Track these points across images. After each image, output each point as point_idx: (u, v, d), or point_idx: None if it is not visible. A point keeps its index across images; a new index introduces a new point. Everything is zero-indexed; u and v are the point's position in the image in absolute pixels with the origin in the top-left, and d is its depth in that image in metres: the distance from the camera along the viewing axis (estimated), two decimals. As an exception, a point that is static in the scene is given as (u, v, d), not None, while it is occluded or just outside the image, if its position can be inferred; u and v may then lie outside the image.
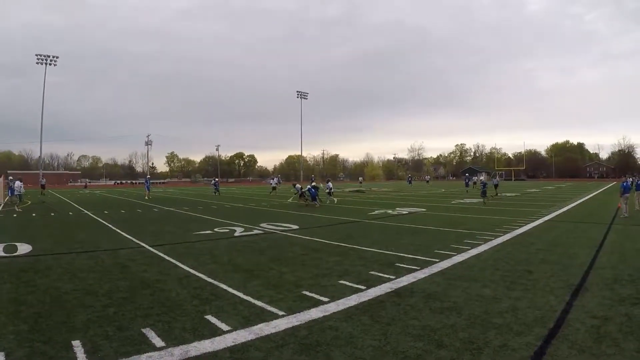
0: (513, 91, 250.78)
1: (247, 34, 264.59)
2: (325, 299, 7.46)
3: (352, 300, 7.37)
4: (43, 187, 46.75)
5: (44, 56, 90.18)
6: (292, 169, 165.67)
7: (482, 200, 29.61)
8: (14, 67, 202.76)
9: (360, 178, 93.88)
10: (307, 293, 7.86)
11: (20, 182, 29.17)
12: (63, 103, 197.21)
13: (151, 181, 37.93)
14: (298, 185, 33.09)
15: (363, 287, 8.17)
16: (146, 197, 37.13)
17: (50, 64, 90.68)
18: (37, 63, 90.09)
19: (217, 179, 55.37)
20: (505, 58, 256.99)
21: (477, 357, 5.11)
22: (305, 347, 5.44)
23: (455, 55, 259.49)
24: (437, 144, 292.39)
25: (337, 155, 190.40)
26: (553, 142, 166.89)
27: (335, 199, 32.53)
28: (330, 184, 34.59)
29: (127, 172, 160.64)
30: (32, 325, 6.31)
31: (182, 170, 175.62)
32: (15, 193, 27.90)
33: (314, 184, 32.06)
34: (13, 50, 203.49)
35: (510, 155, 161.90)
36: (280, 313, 6.77)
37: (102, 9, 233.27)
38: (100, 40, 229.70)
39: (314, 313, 6.77)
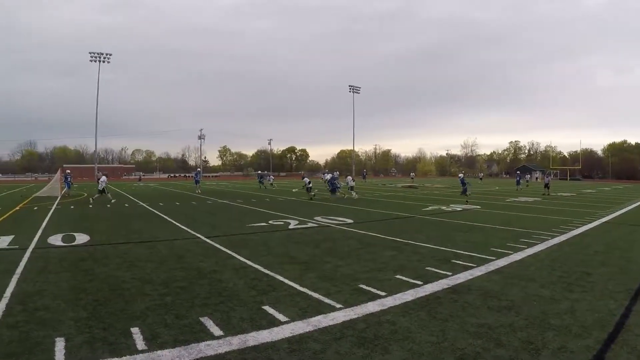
0: (569, 88, 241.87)
1: (299, 29, 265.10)
2: (382, 293, 7.43)
3: (408, 295, 7.32)
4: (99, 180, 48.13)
5: (98, 54, 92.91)
6: (344, 163, 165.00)
7: (465, 199, 28.78)
8: (69, 65, 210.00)
9: (412, 173, 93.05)
10: (364, 287, 7.84)
11: (106, 177, 30.24)
12: (117, 99, 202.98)
13: (203, 174, 37.52)
14: (307, 179, 32.88)
15: (420, 283, 8.10)
16: (197, 192, 37.32)
17: (103, 62, 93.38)
18: (91, 60, 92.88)
19: (261, 172, 55.05)
20: (561, 54, 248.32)
21: (536, 358, 5.00)
22: (363, 341, 5.42)
23: (511, 50, 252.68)
24: (490, 141, 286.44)
25: (389, 151, 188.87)
26: (610, 141, 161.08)
27: (356, 194, 32.12)
28: (350, 178, 34.46)
29: (180, 165, 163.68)
30: (92, 312, 6.50)
31: (235, 164, 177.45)
32: (100, 187, 28.85)
33: (331, 175, 32.14)
34: (67, 49, 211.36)
35: (566, 154, 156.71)
36: (338, 306, 6.78)
37: (154, 9, 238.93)
38: (153, 38, 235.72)
39: (371, 307, 6.75)
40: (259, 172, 55.74)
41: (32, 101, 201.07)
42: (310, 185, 31.26)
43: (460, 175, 31.65)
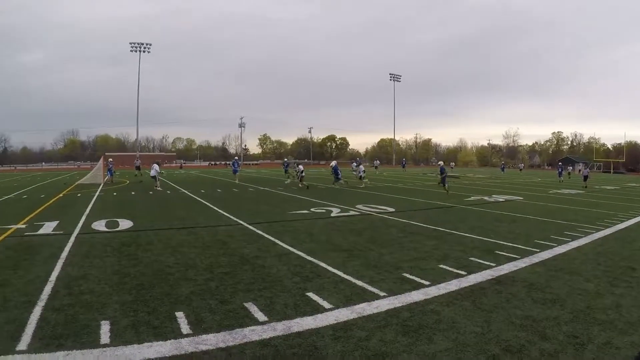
0: (614, 78, 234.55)
1: (339, 16, 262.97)
2: (426, 282, 7.38)
3: (452, 285, 7.25)
4: (138, 168, 48.80)
5: (138, 44, 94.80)
6: (384, 152, 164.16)
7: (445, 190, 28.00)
8: (110, 56, 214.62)
9: (452, 163, 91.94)
10: (408, 275, 7.80)
11: (158, 165, 30.86)
12: (157, 88, 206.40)
13: (243, 162, 36.55)
14: (300, 167, 32.42)
15: (463, 273, 8.02)
16: (236, 181, 37.19)
17: (144, 51, 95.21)
18: (131, 51, 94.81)
19: (287, 160, 53.13)
20: (605, 42, 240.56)
21: (581, 353, 4.86)
22: (407, 329, 5.38)
23: (554, 39, 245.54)
24: (533, 131, 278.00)
25: (429, 140, 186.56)
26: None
27: (364, 184, 31.84)
28: (362, 167, 34.36)
29: (220, 153, 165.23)
30: (136, 296, 6.61)
31: (274, 152, 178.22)
32: (152, 174, 29.54)
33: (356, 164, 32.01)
34: (109, 40, 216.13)
35: (610, 147, 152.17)
36: (381, 294, 6.76)
37: None
38: (194, 27, 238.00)
39: (415, 295, 6.70)
40: (285, 159, 53.36)
41: (74, 91, 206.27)
42: (304, 174, 30.85)
43: (440, 163, 31.09)
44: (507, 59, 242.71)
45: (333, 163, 33.18)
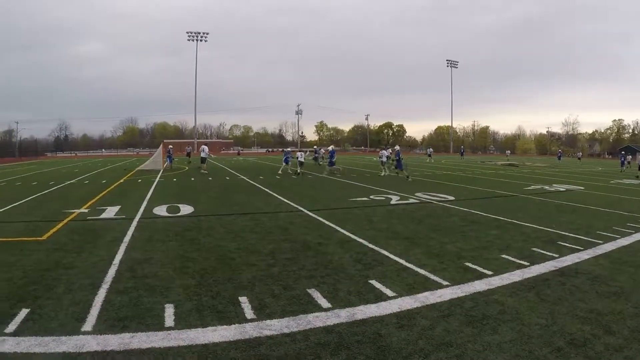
0: None
1: (393, 2, 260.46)
2: (489, 272, 7.27)
3: (516, 276, 7.12)
4: (189, 154, 49.63)
5: (195, 33, 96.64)
6: (442, 139, 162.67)
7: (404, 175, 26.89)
8: (168, 45, 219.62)
9: (507, 151, 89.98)
10: (470, 265, 7.69)
11: (207, 146, 32.04)
12: (215, 76, 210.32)
13: (300, 149, 35.80)
14: (299, 153, 31.83)
15: (526, 264, 7.84)
16: (279, 172, 36.56)
17: (201, 40, 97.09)
18: (189, 40, 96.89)
19: (316, 147, 49.61)
20: None
21: None
22: (471, 319, 5.30)
23: (615, 22, 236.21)
24: (593, 119, 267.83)
25: (487, 127, 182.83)
26: None
27: (384, 173, 30.82)
28: (385, 152, 32.67)
29: (277, 140, 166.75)
30: (199, 280, 6.71)
31: (331, 139, 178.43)
32: (203, 156, 30.66)
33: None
34: (167, 29, 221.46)
35: None
36: (444, 283, 6.69)
37: None
38: (248, 15, 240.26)
39: (478, 285, 6.61)
40: (315, 147, 50.32)
41: (133, 80, 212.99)
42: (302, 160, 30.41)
43: (397, 147, 30.23)
44: (567, 43, 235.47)
45: (383, 154, 32.39)
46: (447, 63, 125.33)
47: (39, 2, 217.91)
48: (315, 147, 42.60)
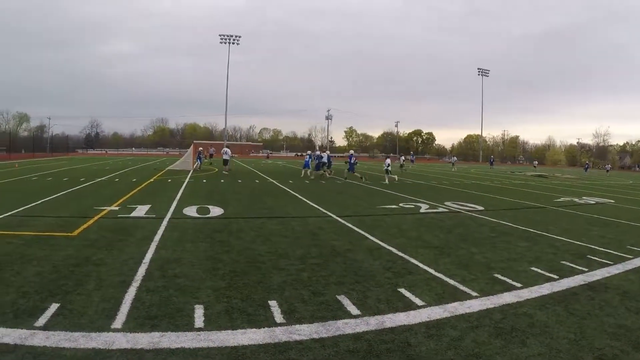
0: None
1: (425, 9, 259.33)
2: (518, 284, 7.20)
3: (545, 289, 7.03)
4: (211, 155, 50.05)
5: (227, 36, 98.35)
6: (471, 148, 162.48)
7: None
8: (200, 48, 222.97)
9: (535, 162, 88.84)
10: (499, 276, 7.63)
11: (229, 149, 32.55)
12: (246, 79, 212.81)
13: (330, 155, 35.13)
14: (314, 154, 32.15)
15: (555, 277, 7.75)
16: (304, 174, 36.29)
17: (233, 43, 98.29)
18: (221, 43, 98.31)
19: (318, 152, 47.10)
20: None
21: None
22: (500, 331, 5.25)
23: None
24: (625, 130, 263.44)
25: (517, 137, 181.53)
26: None
27: (391, 179, 30.63)
28: (388, 160, 32.63)
29: (306, 144, 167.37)
30: (229, 282, 6.74)
31: (360, 145, 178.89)
32: (225, 157, 31.07)
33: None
34: (199, 32, 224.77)
35: None
36: (473, 294, 6.64)
37: None
38: (280, 19, 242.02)
39: (507, 297, 6.55)
40: (317, 151, 43.85)
41: (164, 81, 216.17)
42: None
43: (351, 151, 30.40)
44: (598, 52, 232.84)
45: (388, 161, 32.19)
46: (479, 71, 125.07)
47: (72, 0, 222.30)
48: (317, 151, 40.52)
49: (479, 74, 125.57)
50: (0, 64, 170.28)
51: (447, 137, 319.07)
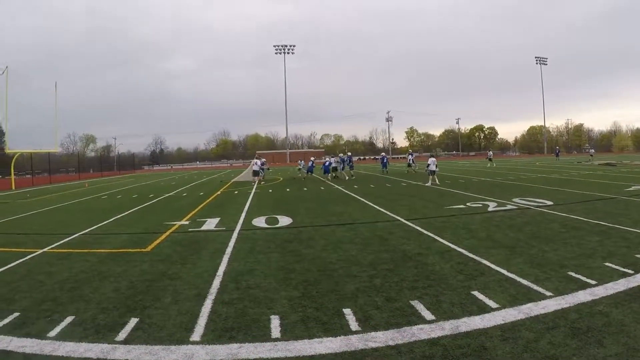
0: None
1: (478, 2, 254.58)
2: (592, 282, 7.00)
3: (620, 285, 6.81)
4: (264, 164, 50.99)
5: (282, 46, 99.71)
6: (534, 140, 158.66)
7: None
8: (258, 58, 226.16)
9: (591, 150, 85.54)
10: (573, 274, 7.42)
11: (259, 160, 33.06)
12: (304, 86, 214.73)
13: (392, 156, 34.40)
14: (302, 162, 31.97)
15: (630, 272, 7.47)
16: (347, 178, 35.30)
17: (288, 53, 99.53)
18: (276, 53, 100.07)
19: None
20: None
21: None
22: (576, 332, 5.14)
23: None
24: None
25: (581, 125, 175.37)
26: None
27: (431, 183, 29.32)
28: (411, 156, 31.84)
29: (368, 148, 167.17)
30: (303, 292, 6.86)
31: (422, 144, 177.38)
32: (255, 169, 32.17)
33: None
34: (256, 43, 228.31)
35: None
36: (547, 293, 6.50)
37: None
38: (334, 24, 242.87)
39: (582, 296, 6.38)
40: (341, 154, 41.85)
41: (224, 93, 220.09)
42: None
43: (342, 154, 29.89)
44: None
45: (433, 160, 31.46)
46: (537, 60, 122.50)
47: (133, 20, 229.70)
48: (341, 154, 39.84)
49: (537, 63, 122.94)
50: (67, 88, 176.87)
51: (510, 130, 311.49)
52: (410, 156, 42.75)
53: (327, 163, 36.87)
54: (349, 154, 38.98)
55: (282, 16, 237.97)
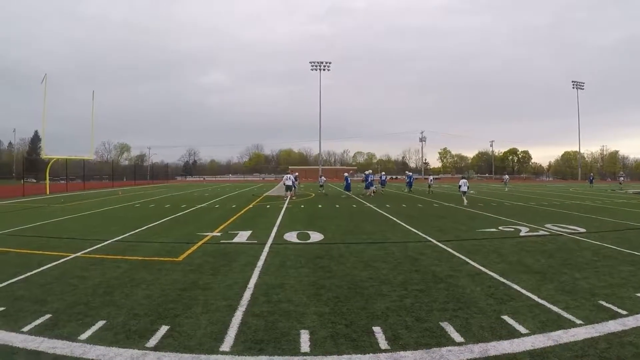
0: None
1: (510, 24, 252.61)
2: (623, 312, 6.90)
3: None
4: (296, 179, 51.24)
5: (317, 62, 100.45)
6: (568, 166, 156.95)
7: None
8: (293, 74, 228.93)
9: (621, 177, 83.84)
10: (604, 303, 7.33)
11: (291, 175, 33.64)
12: (338, 103, 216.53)
13: (424, 176, 34.37)
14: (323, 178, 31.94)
15: None
16: (368, 194, 36.17)
17: (323, 69, 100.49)
18: (312, 69, 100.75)
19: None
20: None
21: None
22: None
23: None
24: None
25: (616, 152, 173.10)
26: None
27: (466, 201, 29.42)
28: (464, 181, 31.55)
29: (400, 167, 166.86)
30: (333, 308, 6.89)
31: (455, 166, 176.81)
32: (288, 184, 32.45)
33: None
34: (291, 60, 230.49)
35: None
36: (577, 321, 6.43)
37: (364, 13, 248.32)
38: (368, 41, 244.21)
39: (612, 325, 6.29)
40: (366, 172, 40.88)
41: (259, 107, 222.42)
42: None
43: (382, 172, 29.87)
44: None
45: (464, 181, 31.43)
46: (573, 84, 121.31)
47: (170, 34, 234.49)
48: (366, 172, 39.40)
49: (573, 87, 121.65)
50: (103, 97, 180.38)
51: (544, 154, 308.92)
52: (408, 179, 46.13)
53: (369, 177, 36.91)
54: (383, 173, 39.45)
55: (318, 33, 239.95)
